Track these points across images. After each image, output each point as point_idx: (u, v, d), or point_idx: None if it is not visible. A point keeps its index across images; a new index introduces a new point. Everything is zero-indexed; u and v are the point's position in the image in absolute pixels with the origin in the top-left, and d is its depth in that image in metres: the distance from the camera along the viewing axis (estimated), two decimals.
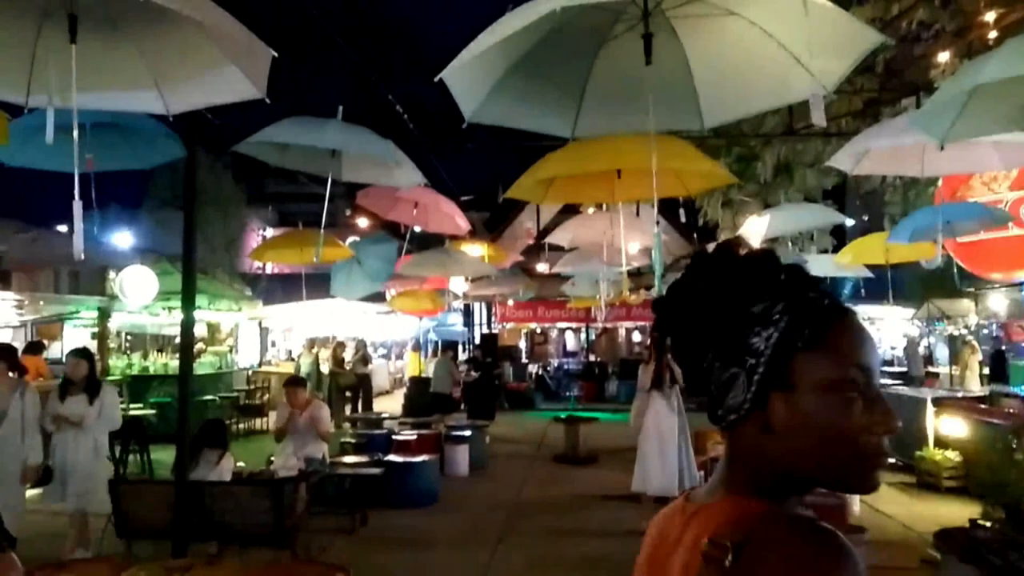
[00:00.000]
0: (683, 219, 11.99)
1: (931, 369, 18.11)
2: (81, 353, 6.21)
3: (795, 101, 3.89)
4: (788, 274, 0.93)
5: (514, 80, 3.74)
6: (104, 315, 12.32)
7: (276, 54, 3.48)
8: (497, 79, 3.72)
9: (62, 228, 14.21)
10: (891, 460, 9.87)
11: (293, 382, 7.61)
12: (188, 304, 5.29)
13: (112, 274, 11.76)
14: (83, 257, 3.49)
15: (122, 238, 21.25)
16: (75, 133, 3.51)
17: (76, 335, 15.46)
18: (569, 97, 3.98)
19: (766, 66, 3.33)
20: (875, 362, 0.91)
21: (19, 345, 12.04)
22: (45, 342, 13.47)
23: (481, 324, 23.06)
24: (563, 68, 3.85)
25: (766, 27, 3.29)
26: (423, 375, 17.51)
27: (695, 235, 16.99)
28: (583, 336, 26.12)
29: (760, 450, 0.91)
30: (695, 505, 0.98)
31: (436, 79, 3.43)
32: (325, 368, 16.73)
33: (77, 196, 3.49)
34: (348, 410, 15.77)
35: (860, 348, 0.90)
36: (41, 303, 11.79)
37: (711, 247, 1.02)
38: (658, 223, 4.13)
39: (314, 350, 16.23)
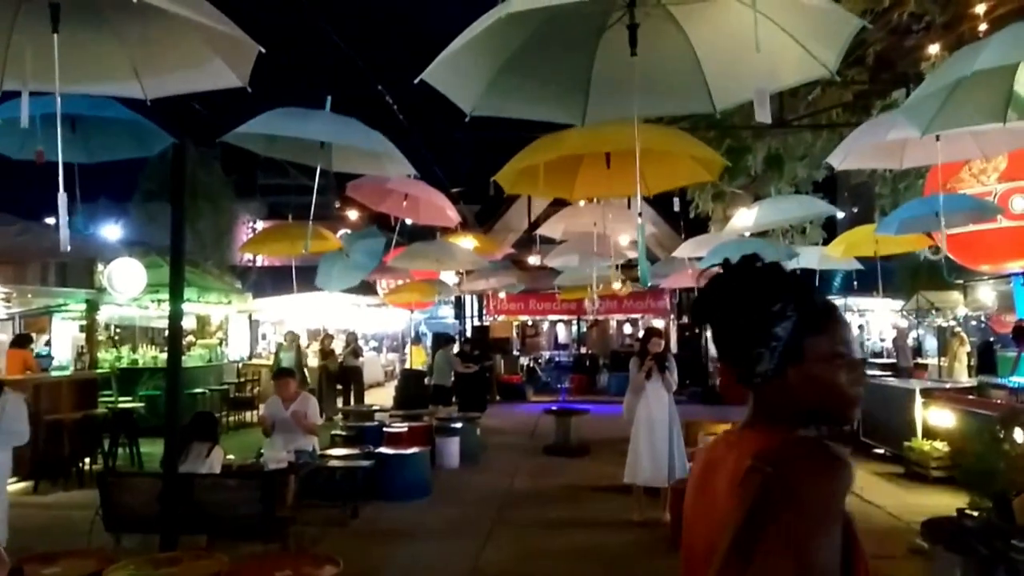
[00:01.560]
0: (676, 208, 11.99)
1: (920, 360, 18.19)
2: None
3: (801, 82, 3.89)
4: (795, 281, 1.35)
5: (514, 71, 3.73)
6: (92, 308, 12.23)
7: (263, 49, 3.44)
8: (497, 71, 3.71)
9: (50, 220, 14.07)
10: (879, 451, 9.97)
11: (282, 373, 7.61)
12: (176, 297, 5.26)
13: (100, 267, 11.67)
14: (69, 249, 3.45)
15: (111, 231, 21.12)
16: (59, 123, 3.46)
17: (64, 328, 15.36)
18: (575, 85, 3.97)
19: (769, 47, 3.33)
20: (852, 339, 1.36)
21: (6, 338, 11.98)
22: (33, 335, 13.39)
23: (473, 317, 23.04)
24: (564, 57, 3.84)
25: (760, 9, 3.30)
26: (421, 368, 17.51)
27: (682, 225, 16.99)
28: (574, 328, 26.13)
29: (779, 400, 1.34)
30: (735, 435, 1.40)
31: (416, 81, 3.41)
32: (314, 361, 16.66)
33: (61, 188, 3.45)
34: (340, 402, 15.74)
35: (843, 331, 1.36)
36: (29, 296, 11.69)
37: (736, 260, 1.40)
38: (640, 213, 4.12)
39: (296, 343, 16.00)
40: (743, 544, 1.18)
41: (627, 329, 26.66)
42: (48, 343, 14.77)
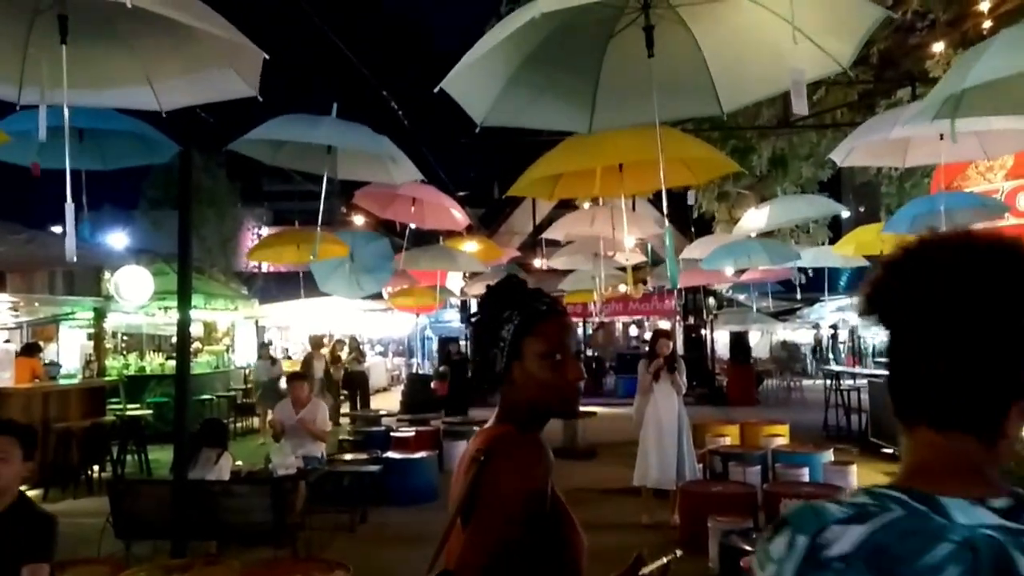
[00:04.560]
0: (690, 201, 11.98)
1: None
2: None
3: (810, 81, 3.86)
4: (525, 293, 1.59)
5: (524, 80, 3.74)
6: (100, 316, 12.28)
7: (267, 56, 3.45)
8: (506, 81, 3.72)
9: (57, 229, 14.13)
10: (888, 450, 9.93)
11: (296, 377, 7.61)
12: (184, 304, 5.28)
13: (107, 275, 11.70)
14: (75, 259, 3.47)
15: (117, 239, 21.20)
16: (66, 133, 3.48)
17: (72, 336, 15.41)
18: (583, 92, 3.97)
19: (778, 47, 3.30)
20: (571, 341, 1.60)
21: (15, 347, 12.02)
22: (41, 344, 13.45)
23: None
24: (573, 64, 3.84)
25: (771, 8, 3.27)
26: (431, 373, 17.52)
27: (692, 229, 16.94)
28: (580, 331, 26.10)
29: (511, 396, 1.56)
30: (484, 429, 1.59)
31: (436, 90, 3.44)
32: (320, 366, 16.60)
33: (69, 198, 3.46)
34: (348, 407, 15.75)
35: (560, 333, 1.56)
36: (36, 304, 11.74)
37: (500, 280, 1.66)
38: (668, 217, 4.12)
39: (271, 358, 14.82)
40: (463, 516, 1.47)
41: (633, 331, 26.61)
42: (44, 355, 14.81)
